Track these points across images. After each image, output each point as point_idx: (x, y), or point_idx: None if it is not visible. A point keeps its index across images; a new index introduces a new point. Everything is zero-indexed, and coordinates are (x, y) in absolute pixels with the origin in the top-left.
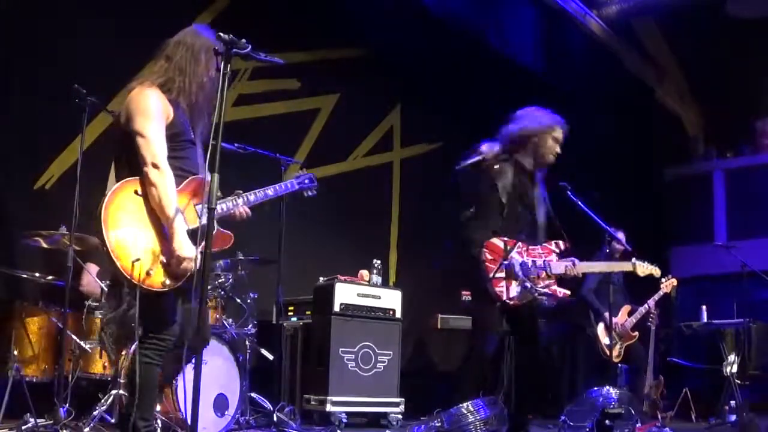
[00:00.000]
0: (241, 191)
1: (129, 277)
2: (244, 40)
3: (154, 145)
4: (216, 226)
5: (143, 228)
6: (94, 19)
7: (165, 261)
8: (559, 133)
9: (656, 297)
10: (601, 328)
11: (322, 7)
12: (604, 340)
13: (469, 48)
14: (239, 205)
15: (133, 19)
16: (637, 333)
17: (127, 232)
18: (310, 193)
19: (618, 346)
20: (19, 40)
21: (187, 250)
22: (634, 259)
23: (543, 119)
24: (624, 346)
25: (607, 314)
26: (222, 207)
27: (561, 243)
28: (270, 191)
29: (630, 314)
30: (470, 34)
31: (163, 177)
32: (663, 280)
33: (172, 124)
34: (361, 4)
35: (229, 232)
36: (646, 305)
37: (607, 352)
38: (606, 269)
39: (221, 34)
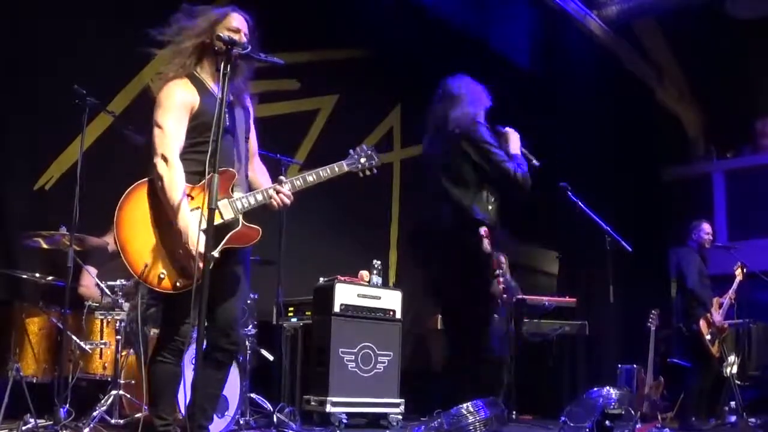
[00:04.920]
0: (283, 178)
1: (142, 281)
2: (244, 40)
3: (168, 137)
4: (242, 221)
5: (155, 230)
6: (94, 19)
7: (177, 262)
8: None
9: (735, 286)
10: (703, 325)
11: (322, 8)
12: (708, 336)
13: (468, 48)
14: (270, 195)
15: (133, 20)
16: (727, 323)
17: (139, 235)
18: (368, 173)
19: (717, 342)
20: (20, 40)
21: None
22: None
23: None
24: (720, 340)
25: (713, 309)
26: (244, 202)
27: None
28: (311, 177)
29: (719, 306)
30: (470, 35)
31: (170, 171)
32: (734, 267)
33: (197, 115)
34: (360, 5)
35: (256, 227)
36: (729, 296)
37: (711, 349)
38: None
39: (220, 34)
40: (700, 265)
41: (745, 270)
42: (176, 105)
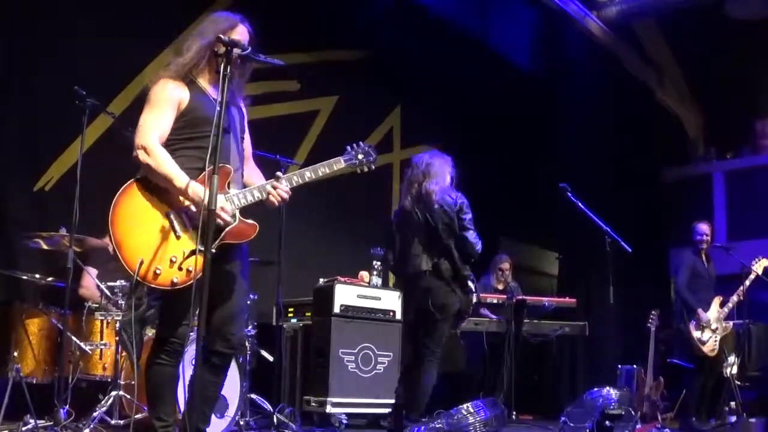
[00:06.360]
0: (281, 174)
1: (137, 278)
2: (244, 42)
3: (143, 128)
4: (238, 217)
5: (150, 227)
6: (94, 19)
7: (173, 259)
8: None
9: (747, 282)
10: (691, 326)
11: (322, 9)
12: (696, 335)
13: (468, 49)
14: (268, 191)
15: (133, 20)
16: (731, 324)
17: (134, 232)
18: (365, 169)
19: (713, 340)
20: (19, 40)
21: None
22: None
23: None
24: (719, 339)
25: (700, 310)
26: (241, 198)
27: None
28: (309, 174)
29: (722, 305)
30: (470, 36)
31: (152, 156)
32: (753, 262)
33: (188, 111)
34: (360, 5)
35: (253, 222)
36: (737, 294)
37: (702, 349)
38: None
39: (221, 36)
40: (696, 265)
41: (764, 264)
42: (161, 99)
